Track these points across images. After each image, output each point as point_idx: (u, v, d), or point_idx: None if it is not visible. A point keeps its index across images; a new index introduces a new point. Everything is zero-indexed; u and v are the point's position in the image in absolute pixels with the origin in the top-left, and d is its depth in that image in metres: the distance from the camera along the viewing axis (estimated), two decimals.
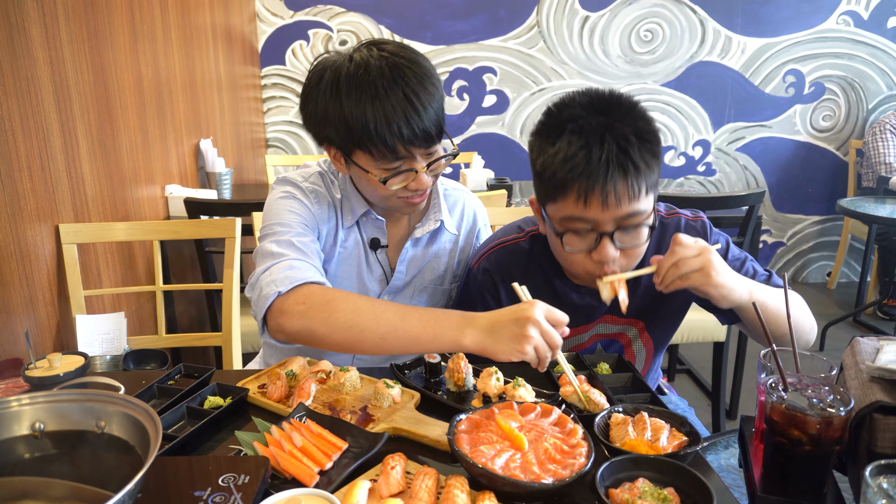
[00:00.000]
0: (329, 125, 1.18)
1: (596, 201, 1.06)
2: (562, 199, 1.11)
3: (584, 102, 1.12)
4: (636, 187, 1.07)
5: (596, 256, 1.12)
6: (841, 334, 3.72)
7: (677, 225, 1.30)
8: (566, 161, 1.07)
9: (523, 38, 4.29)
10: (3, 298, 1.58)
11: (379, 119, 1.12)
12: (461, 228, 1.48)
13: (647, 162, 1.08)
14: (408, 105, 1.12)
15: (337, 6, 4.20)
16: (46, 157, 1.74)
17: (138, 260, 2.31)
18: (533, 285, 1.13)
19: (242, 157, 3.84)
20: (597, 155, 1.05)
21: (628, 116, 1.10)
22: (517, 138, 4.50)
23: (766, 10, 4.25)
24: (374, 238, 1.39)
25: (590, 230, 1.11)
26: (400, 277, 1.42)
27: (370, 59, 1.15)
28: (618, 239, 1.11)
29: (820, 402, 0.82)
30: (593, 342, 1.38)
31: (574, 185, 1.07)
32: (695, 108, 4.43)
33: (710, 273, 1.05)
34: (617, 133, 1.07)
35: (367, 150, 1.16)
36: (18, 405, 0.82)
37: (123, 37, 2.23)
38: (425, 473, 0.84)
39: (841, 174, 4.55)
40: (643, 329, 1.37)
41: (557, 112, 1.14)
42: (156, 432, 0.74)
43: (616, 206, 1.07)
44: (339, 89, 1.14)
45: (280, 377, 1.13)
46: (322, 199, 1.34)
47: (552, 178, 1.10)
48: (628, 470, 0.83)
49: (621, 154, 1.06)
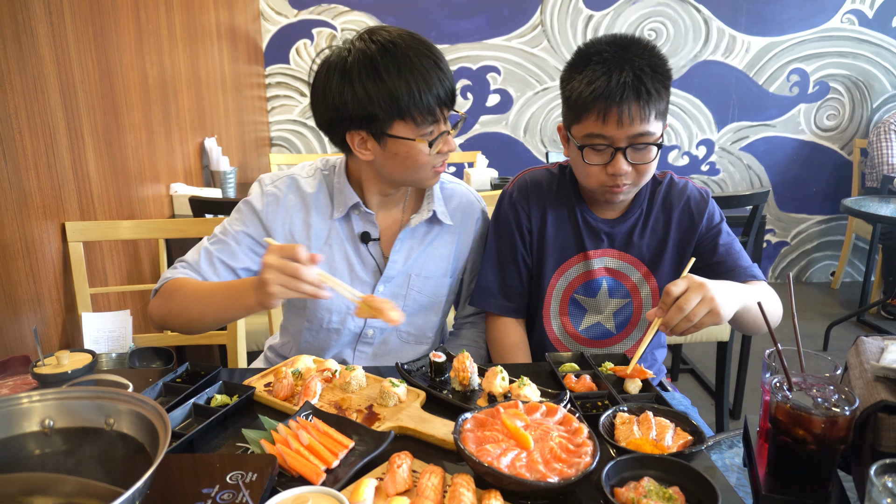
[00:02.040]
0: (373, 102, 1.23)
1: (612, 119, 1.25)
2: (585, 118, 1.29)
3: (609, 40, 1.31)
4: (647, 110, 1.25)
5: (611, 170, 1.30)
6: (845, 334, 3.72)
7: (684, 187, 1.46)
8: (590, 84, 1.26)
9: (527, 38, 4.30)
10: (10, 296, 1.59)
11: (420, 85, 1.23)
12: (458, 219, 1.49)
13: (658, 90, 1.26)
14: (437, 70, 1.25)
15: (341, 5, 4.20)
16: (53, 155, 1.75)
17: (143, 258, 2.32)
18: (556, 207, 1.46)
19: (247, 156, 3.85)
20: (616, 80, 1.24)
21: (645, 52, 1.29)
22: (521, 138, 4.50)
23: (771, 9, 4.24)
24: (364, 231, 1.42)
25: (606, 146, 1.29)
26: (394, 268, 1.43)
27: (391, 38, 1.25)
28: (629, 155, 1.29)
29: (824, 402, 0.82)
30: (601, 275, 1.47)
31: (595, 105, 1.26)
32: (699, 107, 4.43)
33: (718, 313, 1.11)
34: (634, 64, 1.25)
35: (412, 117, 1.25)
36: (28, 401, 0.83)
37: (129, 36, 2.24)
38: (431, 472, 0.84)
39: (845, 173, 4.54)
40: (648, 274, 1.46)
41: (585, 49, 1.33)
42: (164, 430, 0.75)
43: (629, 125, 1.25)
44: (377, 68, 1.22)
45: (286, 376, 1.13)
46: (286, 198, 1.41)
47: (577, 100, 1.29)
48: (633, 469, 0.84)
49: (636, 81, 1.24)
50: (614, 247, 1.46)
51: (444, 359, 1.19)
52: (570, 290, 1.49)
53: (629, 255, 1.46)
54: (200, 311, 1.27)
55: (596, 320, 1.50)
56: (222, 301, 1.24)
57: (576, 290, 1.49)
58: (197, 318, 1.28)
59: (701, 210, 1.43)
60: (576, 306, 1.50)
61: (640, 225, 1.45)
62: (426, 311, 1.49)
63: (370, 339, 1.48)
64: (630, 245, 1.45)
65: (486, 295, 1.49)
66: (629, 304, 1.49)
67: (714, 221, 1.44)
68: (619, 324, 1.50)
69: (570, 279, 1.48)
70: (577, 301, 1.50)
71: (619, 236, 1.45)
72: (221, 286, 1.27)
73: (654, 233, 1.45)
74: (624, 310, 1.49)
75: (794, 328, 0.96)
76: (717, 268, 1.40)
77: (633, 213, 1.45)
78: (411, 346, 1.50)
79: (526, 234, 1.48)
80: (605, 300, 1.48)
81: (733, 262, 1.40)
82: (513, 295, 1.49)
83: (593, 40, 1.34)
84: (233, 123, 3.55)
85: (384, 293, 1.44)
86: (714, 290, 1.11)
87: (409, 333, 1.50)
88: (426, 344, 1.51)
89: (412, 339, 1.50)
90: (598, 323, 1.50)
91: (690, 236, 1.43)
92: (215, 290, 1.27)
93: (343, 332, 1.46)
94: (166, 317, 1.32)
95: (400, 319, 1.14)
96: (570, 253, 1.47)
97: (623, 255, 1.46)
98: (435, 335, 1.53)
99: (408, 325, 1.48)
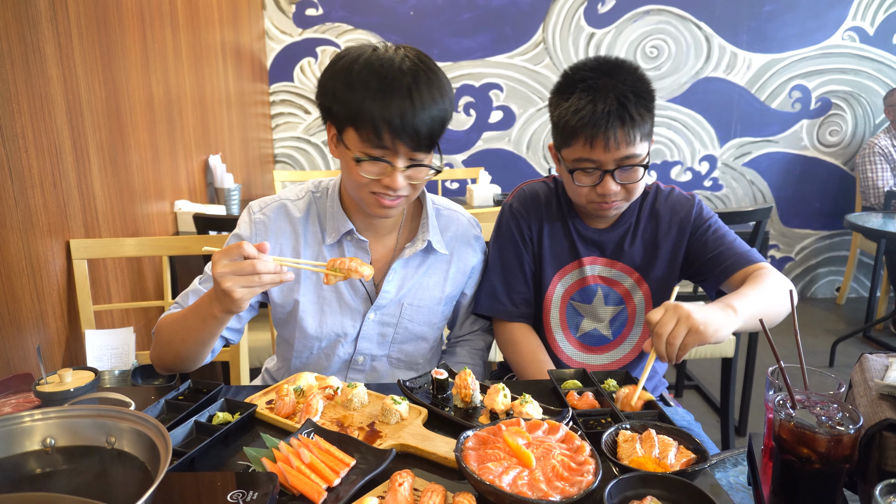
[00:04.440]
0: (336, 98, 1.23)
1: (599, 145, 1.30)
2: (573, 143, 1.34)
3: (593, 66, 1.35)
4: (632, 134, 1.29)
5: (600, 190, 1.35)
6: (850, 350, 3.69)
7: (669, 193, 1.51)
8: (576, 113, 1.30)
9: (529, 55, 4.33)
10: (14, 313, 1.59)
11: (376, 101, 1.18)
12: (454, 247, 1.48)
13: (642, 114, 1.30)
14: (407, 99, 1.18)
15: (345, 24, 4.25)
16: (59, 173, 1.77)
17: (147, 275, 2.33)
18: (551, 219, 1.51)
19: (251, 173, 3.87)
20: (601, 108, 1.28)
21: (629, 77, 1.32)
22: (524, 154, 4.52)
23: (772, 26, 4.27)
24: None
25: (595, 169, 1.34)
26: (386, 297, 1.41)
27: (394, 53, 1.24)
28: (618, 176, 1.33)
29: (829, 420, 0.82)
30: (595, 282, 1.50)
31: (582, 132, 1.30)
32: (701, 123, 4.44)
33: (699, 330, 1.09)
34: (618, 91, 1.29)
35: (357, 128, 1.21)
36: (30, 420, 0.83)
37: (135, 55, 2.26)
38: (433, 490, 0.84)
39: (848, 189, 4.54)
40: (640, 280, 1.49)
41: (571, 74, 1.37)
42: (166, 449, 0.75)
43: (615, 149, 1.30)
44: (353, 68, 1.21)
45: (288, 393, 1.13)
46: (275, 225, 1.40)
47: (565, 127, 1.33)
48: (636, 488, 0.83)
49: (620, 108, 1.28)
50: (605, 255, 1.50)
51: (445, 376, 1.18)
52: (567, 296, 1.51)
53: (620, 262, 1.49)
54: (182, 339, 1.26)
55: (593, 326, 1.52)
56: (194, 320, 1.23)
57: (572, 296, 1.51)
58: (182, 347, 1.27)
59: (688, 210, 1.47)
60: (573, 312, 1.52)
61: (630, 234, 1.48)
62: (417, 339, 1.47)
63: (361, 365, 1.46)
64: (621, 254, 1.48)
65: (495, 302, 1.51)
66: (624, 311, 1.51)
67: (702, 218, 1.46)
68: (616, 330, 1.52)
69: (567, 286, 1.51)
70: (574, 307, 1.52)
71: (610, 245, 1.49)
72: (191, 307, 1.25)
73: (644, 240, 1.48)
74: (619, 316, 1.51)
75: (797, 345, 0.95)
76: (715, 262, 1.41)
77: (623, 223, 1.48)
78: (402, 371, 1.49)
79: (528, 243, 1.51)
80: (602, 307, 1.51)
81: (729, 252, 1.40)
82: (521, 301, 1.51)
83: (578, 65, 1.37)
84: (237, 141, 3.58)
85: (374, 321, 1.42)
86: (688, 307, 1.10)
87: (400, 360, 1.48)
88: (416, 370, 1.50)
89: (402, 366, 1.49)
90: (595, 329, 1.52)
91: (681, 238, 1.46)
92: (187, 313, 1.26)
93: (333, 358, 1.44)
94: (161, 356, 1.32)
95: (370, 273, 1.17)
96: (566, 260, 1.50)
97: (614, 264, 1.50)
98: (426, 360, 1.51)
99: (398, 351, 1.47)
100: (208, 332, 1.23)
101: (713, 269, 1.41)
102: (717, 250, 1.41)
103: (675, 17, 4.26)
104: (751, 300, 1.21)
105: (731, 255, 1.39)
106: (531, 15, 4.27)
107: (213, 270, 1.09)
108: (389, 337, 1.45)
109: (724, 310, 1.15)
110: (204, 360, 1.33)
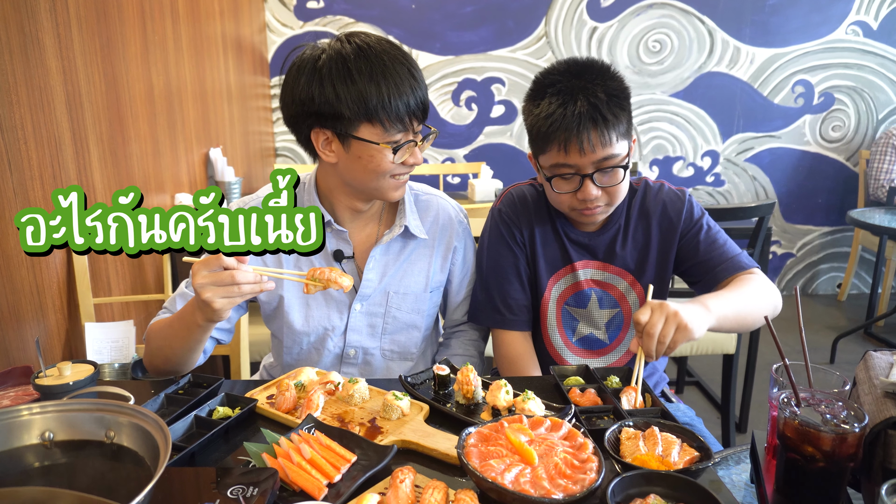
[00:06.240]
0: (339, 104, 1.23)
1: (574, 149, 1.27)
2: (548, 149, 1.32)
3: (562, 69, 1.32)
4: (607, 135, 1.27)
5: (580, 195, 1.32)
6: (852, 347, 3.69)
7: (659, 191, 1.47)
8: (547, 118, 1.28)
9: (531, 49, 4.31)
10: (14, 306, 1.58)
11: (391, 90, 1.22)
12: (435, 232, 1.47)
13: (616, 114, 1.27)
14: (411, 79, 1.24)
15: (346, 17, 4.23)
16: (58, 165, 1.76)
17: (147, 268, 2.32)
18: (541, 223, 1.47)
19: (251, 166, 3.86)
20: (571, 110, 1.26)
21: (599, 77, 1.29)
22: (526, 149, 4.50)
23: (775, 20, 4.24)
24: (337, 250, 1.40)
25: (573, 174, 1.31)
26: (369, 286, 1.41)
27: (367, 42, 1.25)
28: (598, 180, 1.31)
29: (833, 418, 0.81)
30: (589, 286, 1.48)
31: (555, 137, 1.28)
32: (703, 118, 4.42)
33: (687, 328, 1.11)
34: (588, 92, 1.27)
35: (380, 120, 1.23)
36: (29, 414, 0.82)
37: (135, 47, 2.25)
38: (434, 487, 0.83)
39: (851, 185, 4.52)
40: (634, 282, 1.47)
41: (541, 79, 1.34)
42: (165, 443, 0.74)
43: (591, 152, 1.27)
44: (349, 68, 1.22)
45: (289, 388, 1.13)
46: None
47: (538, 133, 1.31)
48: (639, 485, 0.83)
49: (592, 109, 1.25)
50: (598, 259, 1.47)
51: (447, 371, 1.18)
52: (562, 300, 1.49)
53: (613, 265, 1.47)
54: (170, 345, 1.27)
55: (589, 331, 1.50)
56: (180, 328, 1.24)
57: (567, 301, 1.49)
58: (171, 353, 1.28)
59: (678, 210, 1.44)
60: (569, 317, 1.50)
61: (620, 236, 1.45)
62: (408, 329, 1.46)
63: (353, 359, 1.46)
64: (613, 256, 1.46)
65: (487, 311, 1.48)
66: (619, 314, 1.49)
67: (693, 218, 1.44)
68: (612, 334, 1.50)
69: (562, 290, 1.49)
70: (570, 312, 1.50)
71: (602, 248, 1.46)
72: (177, 315, 1.27)
73: (636, 241, 1.46)
74: (615, 319, 1.49)
75: (802, 342, 0.95)
76: (705, 265, 1.41)
77: (612, 224, 1.46)
78: (396, 363, 1.48)
79: (522, 247, 1.49)
80: (597, 311, 1.49)
81: (719, 256, 1.40)
82: (518, 308, 1.48)
83: (548, 69, 1.35)
84: (238, 134, 3.56)
85: (361, 312, 1.42)
86: (674, 306, 1.12)
87: (392, 351, 1.48)
88: (411, 360, 1.49)
89: (396, 357, 1.48)
90: (590, 333, 1.50)
91: (671, 238, 1.44)
92: (173, 320, 1.27)
93: (323, 352, 1.44)
94: (153, 361, 1.33)
95: (349, 284, 1.18)
96: (559, 265, 1.48)
97: (607, 267, 1.47)
98: (420, 350, 1.50)
99: (390, 342, 1.46)
100: (194, 339, 1.24)
101: (704, 274, 1.41)
102: (709, 254, 1.41)
103: (678, 10, 4.23)
104: (726, 301, 1.24)
105: (722, 261, 1.39)
106: (533, 8, 4.24)
107: (192, 281, 1.09)
108: (379, 328, 1.44)
109: (701, 307, 1.18)
110: (196, 363, 1.34)
